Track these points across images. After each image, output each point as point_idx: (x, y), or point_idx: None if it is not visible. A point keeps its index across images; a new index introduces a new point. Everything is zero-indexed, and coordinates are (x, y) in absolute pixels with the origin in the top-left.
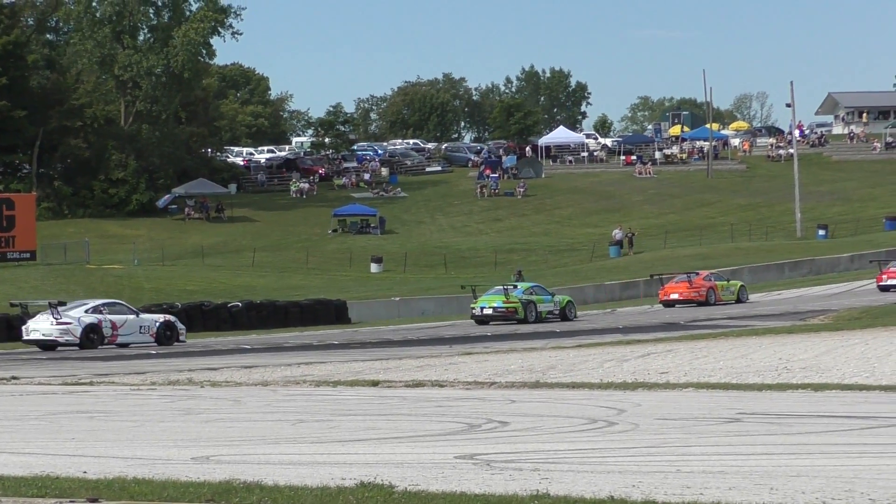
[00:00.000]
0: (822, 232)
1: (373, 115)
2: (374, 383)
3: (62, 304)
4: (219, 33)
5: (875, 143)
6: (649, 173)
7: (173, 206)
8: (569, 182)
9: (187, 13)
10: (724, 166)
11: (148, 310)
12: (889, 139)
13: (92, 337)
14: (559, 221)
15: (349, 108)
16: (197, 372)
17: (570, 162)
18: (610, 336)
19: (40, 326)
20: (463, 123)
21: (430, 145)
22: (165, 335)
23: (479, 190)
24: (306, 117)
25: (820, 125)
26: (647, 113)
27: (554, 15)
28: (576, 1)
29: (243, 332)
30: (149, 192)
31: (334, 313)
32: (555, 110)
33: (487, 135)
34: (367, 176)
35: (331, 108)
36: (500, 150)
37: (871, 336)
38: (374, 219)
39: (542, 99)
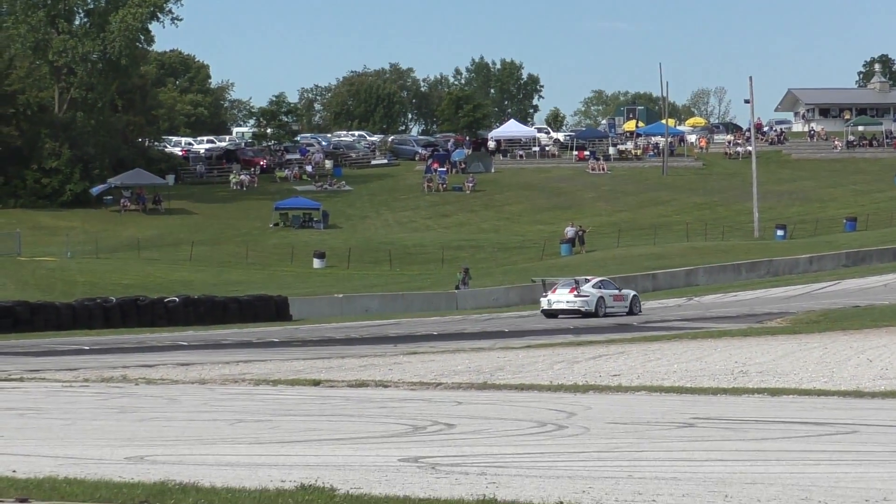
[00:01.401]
0: (780, 232)
1: (317, 106)
2: (316, 383)
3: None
4: (158, 18)
5: (836, 142)
6: (603, 169)
7: (108, 198)
8: (519, 177)
9: None
10: (679, 163)
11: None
12: (850, 138)
13: None
14: (509, 218)
15: (293, 97)
16: (132, 369)
17: (521, 157)
18: (561, 337)
19: None
20: (410, 115)
21: (376, 137)
22: None
23: (426, 184)
24: (248, 107)
25: (779, 122)
26: (601, 107)
27: (505, 4)
28: None
29: (180, 328)
30: (83, 183)
31: (275, 310)
32: (505, 103)
33: (435, 127)
34: (310, 168)
35: (273, 98)
36: (450, 144)
37: (830, 340)
38: (317, 213)
39: (493, 91)
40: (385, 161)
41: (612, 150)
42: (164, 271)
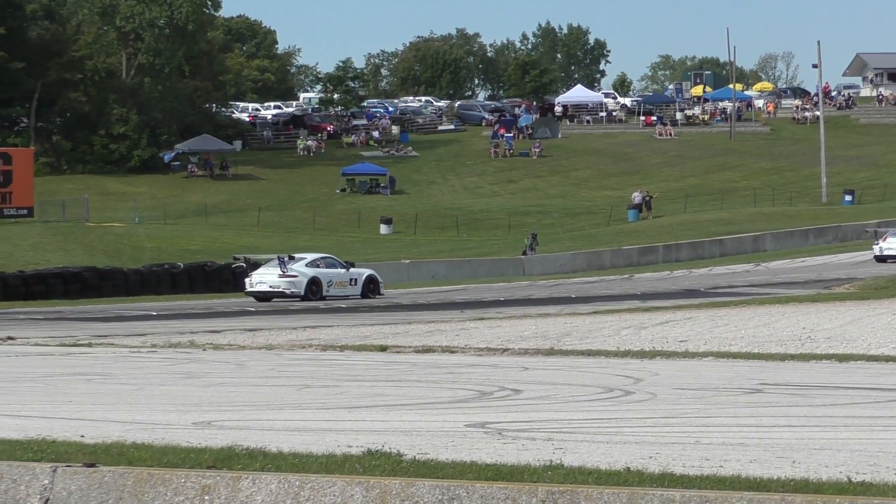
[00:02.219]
0: (848, 197)
1: (383, 72)
2: (383, 348)
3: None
4: None
5: None
6: (670, 135)
7: (176, 164)
8: (586, 143)
9: None
10: (747, 128)
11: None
12: None
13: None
14: (576, 183)
15: (359, 63)
16: (199, 334)
17: (588, 122)
18: (628, 303)
19: None
20: (477, 81)
21: (443, 103)
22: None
23: (492, 150)
24: (315, 72)
25: (847, 87)
26: (668, 72)
27: None
28: None
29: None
30: (151, 149)
31: None
32: (572, 68)
33: (502, 93)
34: (376, 134)
35: (340, 64)
36: (517, 109)
37: None
38: (384, 178)
39: (559, 56)
40: (452, 127)
41: (679, 116)
42: (232, 237)
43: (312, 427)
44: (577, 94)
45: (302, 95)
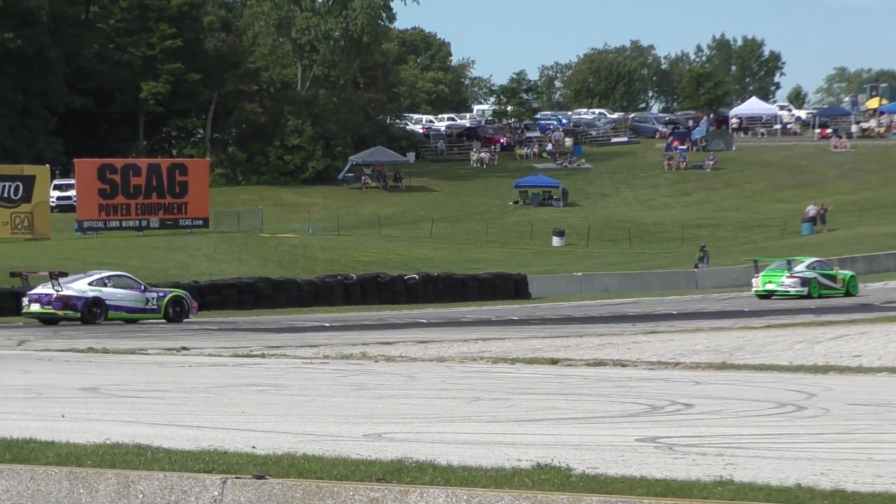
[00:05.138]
0: None
1: (557, 84)
2: (554, 361)
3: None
4: None
5: None
6: (845, 147)
7: (349, 175)
8: (760, 155)
9: None
10: None
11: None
12: None
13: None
14: (750, 196)
15: (533, 75)
16: (371, 346)
17: (762, 134)
18: (801, 317)
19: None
20: (650, 93)
21: (616, 115)
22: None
23: (666, 162)
24: (488, 84)
25: None
26: (843, 84)
27: None
28: None
29: (419, 305)
30: (325, 160)
31: (514, 288)
32: (746, 80)
33: (676, 105)
34: (549, 146)
35: (514, 76)
36: (691, 121)
37: None
38: (556, 190)
39: (734, 68)
40: (625, 139)
41: (854, 128)
42: (405, 248)
43: (482, 440)
44: (752, 106)
45: (475, 107)
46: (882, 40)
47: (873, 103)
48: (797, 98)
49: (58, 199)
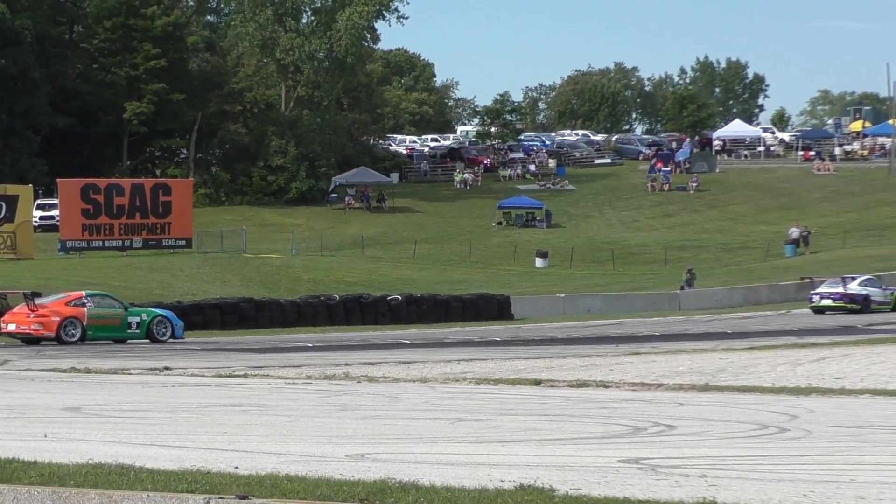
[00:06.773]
0: None
1: (541, 105)
2: (537, 382)
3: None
4: (383, 17)
5: None
6: (828, 170)
7: (333, 196)
8: (744, 177)
9: None
10: None
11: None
12: None
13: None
14: (733, 218)
15: (517, 96)
16: (354, 367)
17: (746, 157)
18: (784, 339)
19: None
20: (634, 115)
21: (600, 137)
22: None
23: (649, 184)
24: (472, 105)
25: None
26: (827, 107)
27: (731, 4)
28: None
29: (403, 326)
30: (309, 181)
31: (497, 309)
32: (730, 102)
33: (660, 127)
34: (533, 167)
35: (498, 97)
36: (674, 143)
37: None
38: (540, 212)
39: (717, 90)
40: (609, 160)
41: (837, 151)
42: (388, 269)
43: (465, 461)
44: (735, 128)
45: (459, 128)
46: (865, 63)
47: (856, 126)
48: (781, 120)
49: (41, 218)
